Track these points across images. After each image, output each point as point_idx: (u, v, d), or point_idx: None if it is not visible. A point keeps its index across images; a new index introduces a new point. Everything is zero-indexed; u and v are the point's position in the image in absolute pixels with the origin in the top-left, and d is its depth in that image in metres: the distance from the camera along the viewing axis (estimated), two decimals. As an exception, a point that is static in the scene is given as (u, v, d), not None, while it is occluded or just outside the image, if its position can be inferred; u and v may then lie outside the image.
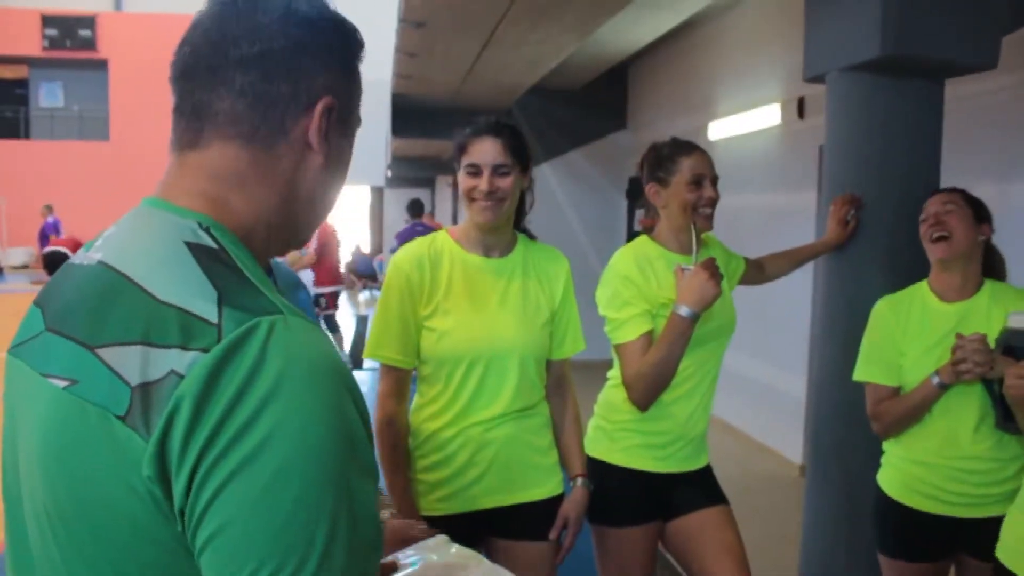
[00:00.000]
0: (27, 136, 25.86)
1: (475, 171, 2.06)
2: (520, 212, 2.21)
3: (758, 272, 2.70)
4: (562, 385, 2.28)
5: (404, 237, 9.02)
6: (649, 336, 2.24)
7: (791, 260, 2.85)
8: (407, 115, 10.32)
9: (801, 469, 5.82)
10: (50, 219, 14.36)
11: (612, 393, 2.36)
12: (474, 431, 2.09)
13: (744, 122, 6.60)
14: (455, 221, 20.44)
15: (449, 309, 2.07)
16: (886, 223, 2.89)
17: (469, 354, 2.06)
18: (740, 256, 2.62)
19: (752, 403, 6.61)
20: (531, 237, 2.26)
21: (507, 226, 2.16)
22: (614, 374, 2.37)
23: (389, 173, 21.01)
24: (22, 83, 26.06)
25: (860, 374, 2.49)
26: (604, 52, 7.67)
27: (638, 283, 2.26)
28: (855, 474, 2.97)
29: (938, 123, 2.91)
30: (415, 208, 9.27)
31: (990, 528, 2.21)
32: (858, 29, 2.79)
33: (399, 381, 2.11)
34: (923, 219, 2.41)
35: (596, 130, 9.55)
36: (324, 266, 8.50)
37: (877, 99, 2.88)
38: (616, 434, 2.32)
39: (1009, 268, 2.51)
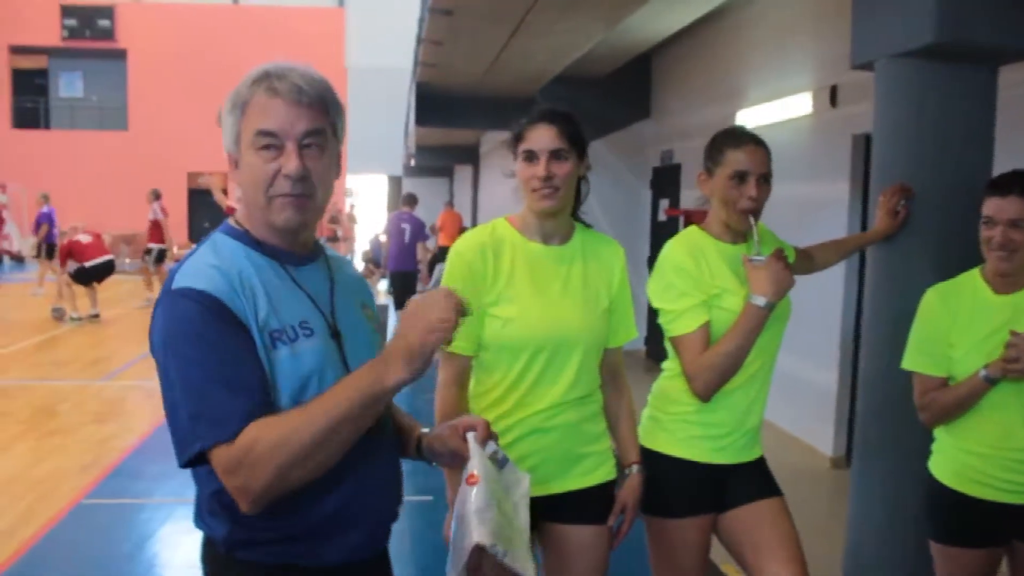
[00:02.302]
0: (47, 126, 25.99)
1: (532, 157, 2.06)
2: (576, 200, 2.19)
3: (807, 262, 2.67)
4: (616, 373, 2.28)
5: (391, 224, 10.74)
6: (707, 327, 2.22)
7: (839, 250, 2.81)
8: (429, 104, 10.31)
9: (832, 461, 5.79)
10: (45, 208, 14.29)
11: (668, 384, 2.34)
12: (535, 419, 2.09)
13: (774, 111, 6.54)
14: (475, 210, 20.41)
15: (513, 297, 2.07)
16: (936, 214, 2.85)
17: (534, 341, 2.06)
18: (790, 245, 2.59)
19: (783, 396, 6.53)
20: (587, 225, 2.24)
21: (565, 213, 2.16)
22: (669, 365, 2.35)
23: (413, 162, 20.93)
24: (42, 73, 26.18)
25: (908, 363, 2.47)
26: (630, 41, 7.62)
27: (692, 273, 2.23)
28: (904, 467, 2.93)
29: (991, 111, 2.86)
30: (408, 200, 10.75)
31: None
32: (910, 14, 2.74)
33: (461, 369, 2.11)
34: (987, 222, 2.31)
35: (620, 120, 9.49)
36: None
37: (928, 86, 2.83)
38: (672, 425, 2.30)
39: None
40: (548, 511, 2.14)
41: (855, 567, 3.13)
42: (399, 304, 10.75)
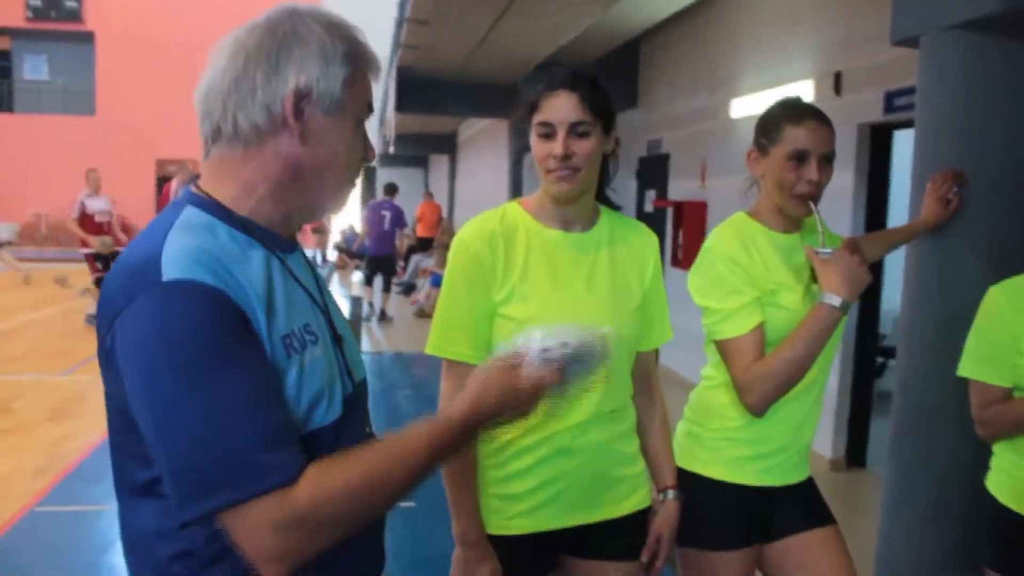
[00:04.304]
0: (10, 110, 25.25)
1: (548, 132, 1.73)
2: (603, 179, 1.87)
3: None
4: (649, 380, 1.96)
5: (371, 211, 11.28)
6: (762, 329, 1.92)
7: (885, 243, 2.53)
8: (410, 89, 9.95)
9: (831, 463, 5.56)
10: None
11: (710, 396, 2.03)
12: (562, 438, 1.77)
13: (772, 99, 6.26)
14: (451, 202, 20.08)
15: (528, 294, 1.74)
16: (990, 205, 2.58)
17: None
18: (839, 236, 2.30)
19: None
20: (614, 207, 1.92)
21: (588, 196, 1.83)
22: (711, 373, 2.04)
23: (392, 150, 20.44)
24: (5, 55, 25.44)
25: (967, 370, 2.18)
26: (618, 26, 7.36)
27: (745, 266, 1.93)
28: (945, 485, 2.67)
29: (1050, 90, 2.59)
30: (389, 189, 11.42)
31: None
32: (966, -18, 2.46)
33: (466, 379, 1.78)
34: None
35: (606, 108, 9.21)
36: None
37: (982, 63, 2.56)
38: (715, 443, 1.99)
39: None
40: (572, 545, 1.85)
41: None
42: (369, 281, 11.68)
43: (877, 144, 5.41)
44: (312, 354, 1.15)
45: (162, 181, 23.71)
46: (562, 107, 1.72)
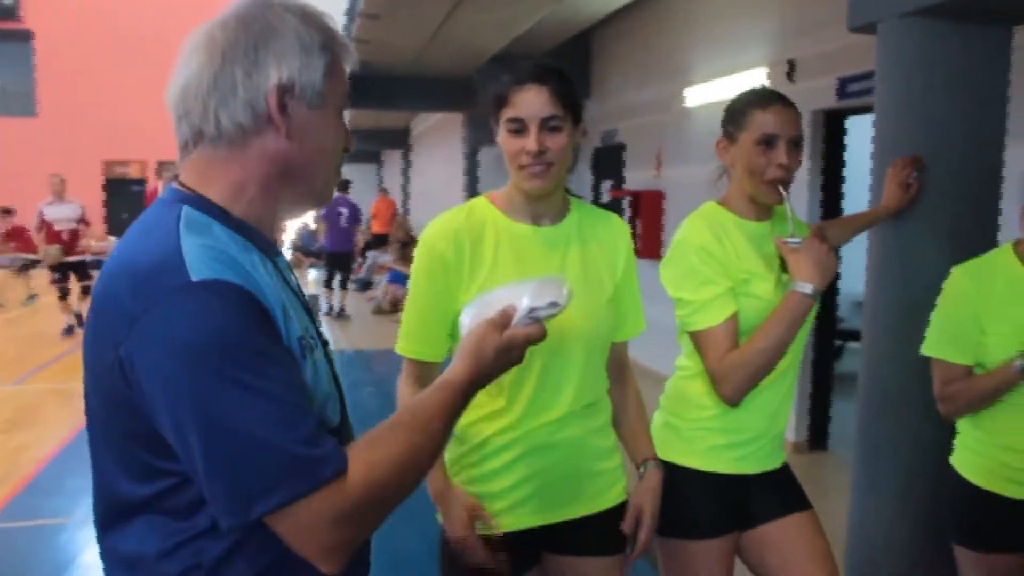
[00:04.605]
0: (-54, 113, 24.49)
1: (519, 128, 1.71)
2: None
3: None
4: (622, 368, 1.96)
5: (327, 208, 10.95)
6: (735, 319, 1.92)
7: (850, 228, 2.56)
8: (361, 84, 9.84)
9: (794, 446, 5.63)
10: None
11: (686, 386, 2.04)
12: (538, 435, 1.76)
13: (726, 87, 6.31)
14: (405, 197, 19.95)
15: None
16: (947, 191, 2.62)
17: None
18: (805, 224, 2.32)
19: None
20: (579, 199, 1.91)
21: (560, 189, 1.81)
22: (685, 363, 2.05)
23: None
24: (-62, 56, 24.66)
25: (930, 349, 2.23)
26: (570, 17, 7.35)
27: (718, 256, 1.93)
28: (911, 465, 2.71)
29: (1005, 76, 2.64)
30: (343, 185, 11.32)
31: None
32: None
33: (426, 378, 1.78)
34: None
35: (560, 99, 9.19)
36: None
37: (940, 49, 2.59)
38: (692, 433, 2.00)
39: None
40: (551, 542, 1.84)
41: (857, 565, 2.90)
42: (329, 283, 11.47)
43: (831, 130, 5.48)
44: (317, 356, 1.13)
45: (110, 184, 23.25)
46: (533, 102, 1.70)
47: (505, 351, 1.22)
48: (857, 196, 5.42)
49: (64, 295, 9.53)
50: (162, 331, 0.97)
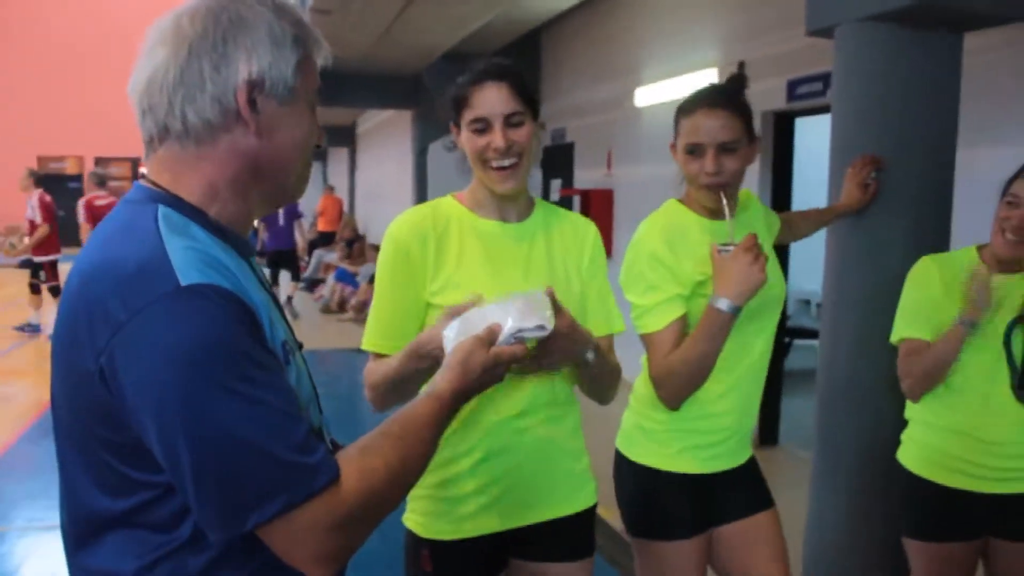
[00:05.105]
0: None
1: (483, 127, 1.71)
2: None
3: (788, 231, 2.42)
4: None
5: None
6: (681, 323, 1.92)
7: (814, 222, 2.60)
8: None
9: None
10: None
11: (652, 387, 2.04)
12: (503, 434, 1.73)
13: (676, 88, 6.38)
14: (352, 195, 19.76)
15: (462, 282, 1.71)
16: (906, 188, 2.67)
17: None
18: (775, 214, 2.34)
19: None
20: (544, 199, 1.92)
21: (525, 187, 1.81)
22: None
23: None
24: None
25: (900, 332, 2.29)
26: (520, 16, 7.35)
27: (667, 262, 1.93)
28: (871, 462, 2.76)
29: (957, 80, 2.71)
30: None
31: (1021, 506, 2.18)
32: (879, -26, 2.54)
33: None
34: (1011, 202, 2.14)
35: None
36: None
37: (896, 53, 2.64)
38: (664, 435, 2.00)
39: None
40: (520, 546, 1.83)
41: (816, 559, 2.96)
42: (275, 280, 11.05)
43: (780, 131, 5.57)
44: (298, 359, 1.12)
45: (43, 180, 22.54)
46: (494, 99, 1.70)
47: (491, 367, 1.25)
48: (805, 194, 5.53)
49: (55, 293, 9.43)
50: (151, 337, 0.94)
